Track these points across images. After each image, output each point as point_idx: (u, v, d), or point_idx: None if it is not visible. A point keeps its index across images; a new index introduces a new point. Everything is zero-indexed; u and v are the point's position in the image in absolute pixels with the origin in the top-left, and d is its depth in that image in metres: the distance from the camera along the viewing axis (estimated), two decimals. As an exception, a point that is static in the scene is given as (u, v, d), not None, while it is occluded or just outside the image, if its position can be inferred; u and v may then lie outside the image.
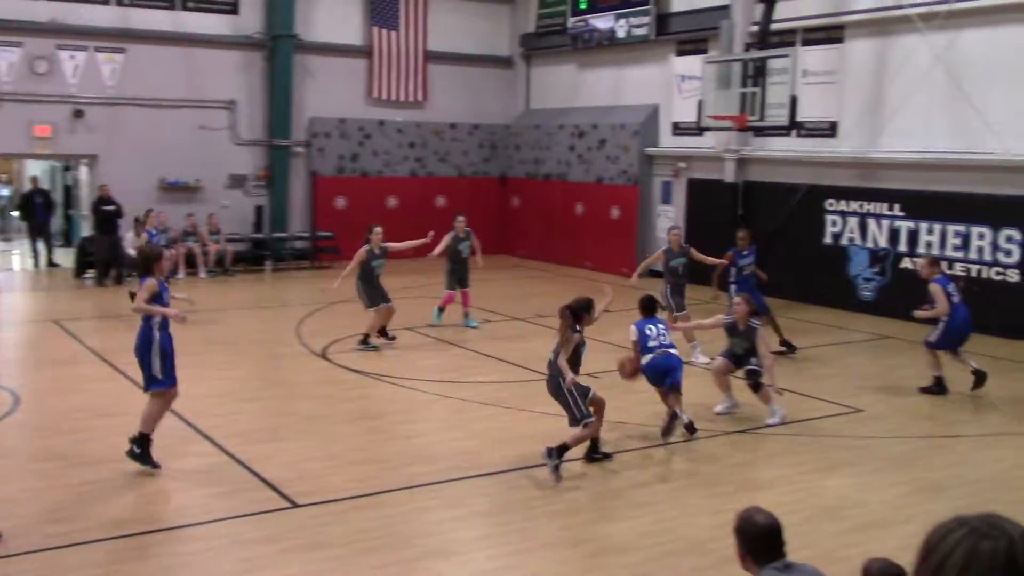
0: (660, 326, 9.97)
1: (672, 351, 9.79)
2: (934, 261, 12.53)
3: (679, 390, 9.69)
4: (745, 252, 14.24)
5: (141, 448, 8.53)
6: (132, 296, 8.96)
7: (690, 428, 9.67)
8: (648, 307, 10.11)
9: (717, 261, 14.19)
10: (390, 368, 12.68)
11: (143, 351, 8.64)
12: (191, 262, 20.78)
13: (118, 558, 6.82)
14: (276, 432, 9.82)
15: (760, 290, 14.17)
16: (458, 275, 15.60)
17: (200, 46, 21.92)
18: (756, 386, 10.41)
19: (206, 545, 7.06)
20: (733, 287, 13.97)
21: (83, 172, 22.90)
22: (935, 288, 12.03)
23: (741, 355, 10.56)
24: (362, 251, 14.18)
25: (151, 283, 8.65)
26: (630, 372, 9.89)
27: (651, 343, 9.74)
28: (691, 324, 12.13)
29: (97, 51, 21.02)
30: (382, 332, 14.15)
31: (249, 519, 7.52)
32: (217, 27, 22.14)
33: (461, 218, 15.99)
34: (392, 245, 14.49)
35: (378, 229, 14.37)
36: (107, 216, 19.72)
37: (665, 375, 9.66)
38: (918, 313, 12.18)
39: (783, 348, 13.79)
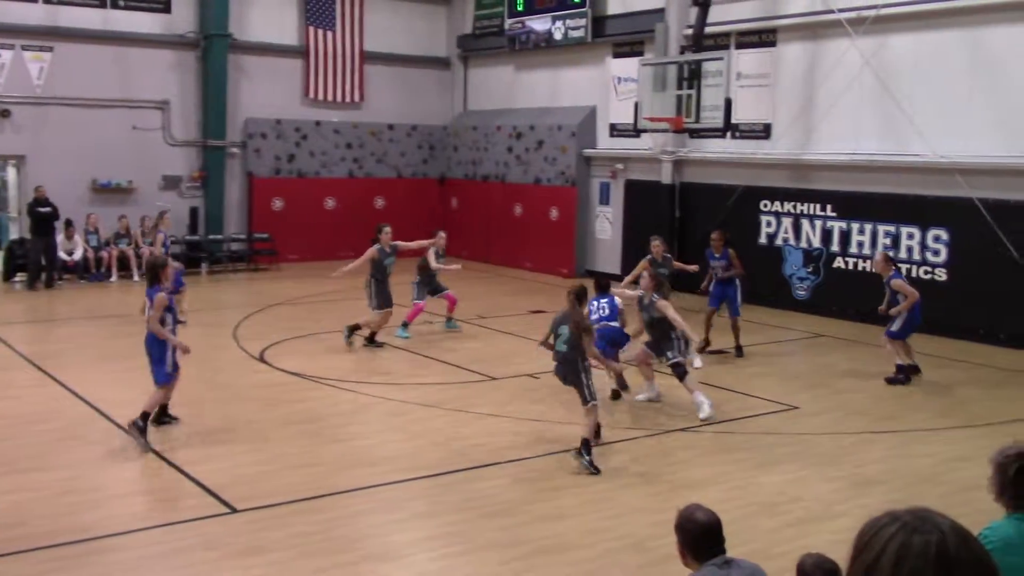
0: (603, 301, 11.33)
1: (611, 323, 11.18)
2: (888, 259, 12.93)
3: (616, 358, 11.32)
4: (718, 255, 14.29)
5: (144, 424, 9.28)
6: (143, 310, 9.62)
7: (616, 394, 11.29)
8: (599, 285, 11.56)
9: (690, 268, 14.38)
10: (330, 371, 12.59)
11: (157, 351, 9.55)
12: (124, 265, 20.41)
13: (50, 569, 6.67)
14: (213, 437, 9.69)
15: (732, 293, 14.17)
16: (429, 285, 15.27)
17: (131, 45, 21.56)
18: (681, 375, 10.84)
19: (141, 553, 6.95)
20: (711, 288, 14.25)
21: (11, 173, 22.36)
22: (899, 283, 12.48)
23: (659, 338, 10.99)
24: (373, 250, 14.20)
25: (161, 299, 9.32)
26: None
27: (592, 317, 10.86)
28: (616, 290, 12.15)
29: (24, 49, 20.56)
30: (371, 337, 14.09)
31: (186, 525, 7.41)
32: (149, 26, 21.79)
33: (443, 234, 15.64)
34: (402, 244, 14.56)
35: (388, 228, 14.50)
36: (43, 218, 19.30)
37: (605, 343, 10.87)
38: (895, 310, 12.48)
39: (733, 350, 14.01)
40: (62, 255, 19.81)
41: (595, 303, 11.21)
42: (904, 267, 16.05)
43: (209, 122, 22.45)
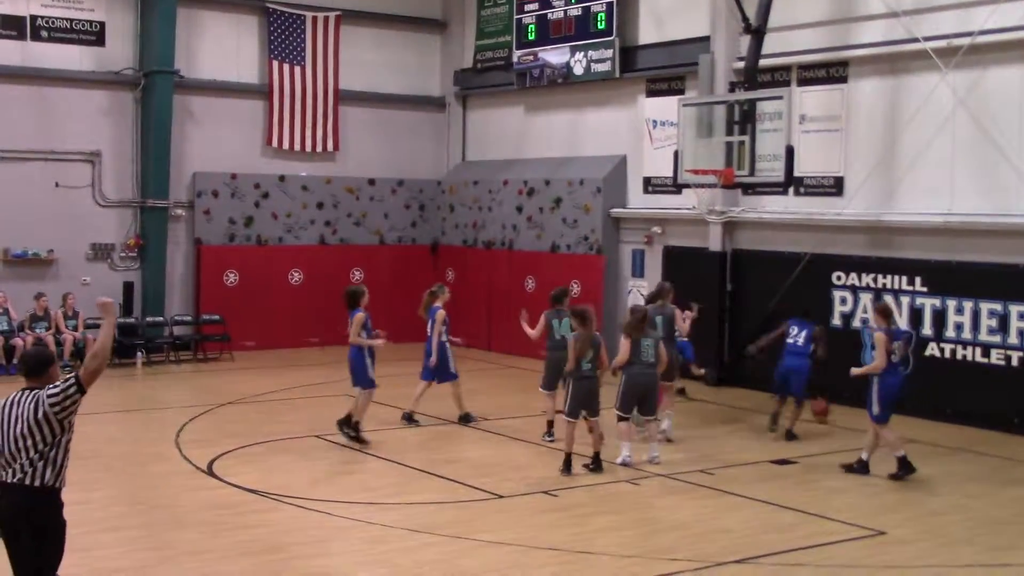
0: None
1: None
2: (885, 311, 13.76)
3: None
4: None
5: (356, 431, 14.09)
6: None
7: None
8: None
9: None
10: (294, 486, 12.49)
11: (358, 363, 14.52)
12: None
13: None
14: (147, 572, 9.59)
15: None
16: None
17: (55, 84, 21.85)
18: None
19: None
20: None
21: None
22: (880, 337, 13.36)
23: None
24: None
25: (360, 317, 14.40)
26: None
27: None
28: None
29: (-77, 90, 20.93)
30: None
31: None
32: (77, 61, 22.11)
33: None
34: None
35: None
36: None
37: None
38: (855, 372, 13.68)
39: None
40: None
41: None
42: (1016, 355, 15.98)
43: (149, 178, 22.63)
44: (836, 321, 18.27)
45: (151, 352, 21.98)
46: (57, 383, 7.29)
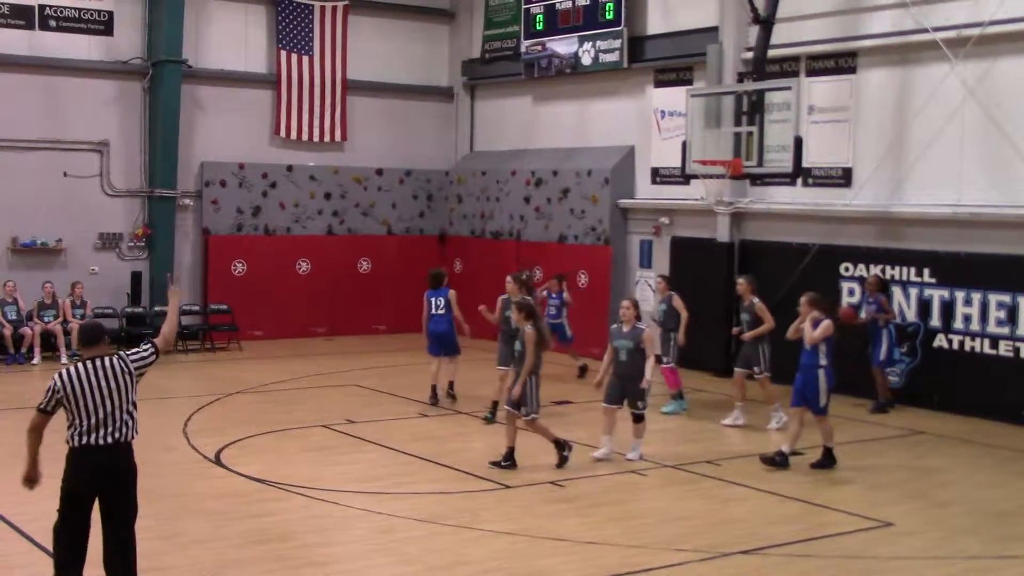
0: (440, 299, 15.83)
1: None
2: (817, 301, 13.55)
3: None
4: (872, 300, 16.99)
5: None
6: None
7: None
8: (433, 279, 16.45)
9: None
10: (303, 476, 12.51)
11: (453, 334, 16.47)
12: (49, 343, 20.46)
13: None
14: (155, 560, 9.58)
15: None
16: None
17: (64, 74, 21.87)
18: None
19: None
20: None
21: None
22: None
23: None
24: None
25: (454, 293, 16.54)
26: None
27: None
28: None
29: (-68, 79, 20.96)
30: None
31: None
32: (86, 51, 22.12)
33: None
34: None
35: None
36: None
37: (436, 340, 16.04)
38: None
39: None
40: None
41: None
42: None
43: (157, 167, 22.66)
44: (844, 312, 18.24)
45: (159, 341, 21.97)
46: (135, 349, 8.14)
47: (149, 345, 8.16)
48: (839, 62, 18.56)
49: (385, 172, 25.27)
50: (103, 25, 22.33)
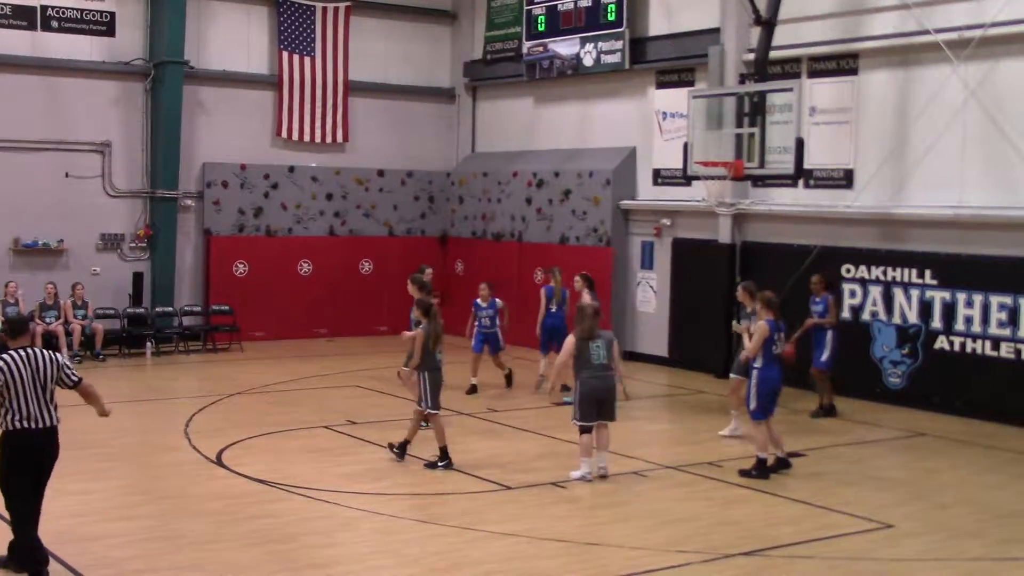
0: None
1: None
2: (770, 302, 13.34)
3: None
4: (818, 299, 16.61)
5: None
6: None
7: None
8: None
9: None
10: (302, 476, 12.51)
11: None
12: (50, 344, 20.46)
13: None
14: (156, 560, 9.60)
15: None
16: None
17: (66, 75, 21.87)
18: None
19: None
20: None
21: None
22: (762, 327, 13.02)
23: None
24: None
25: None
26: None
27: None
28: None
29: (-66, 80, 20.96)
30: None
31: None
32: (88, 51, 22.13)
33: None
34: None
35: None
36: None
37: None
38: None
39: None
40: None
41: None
42: (1024, 348, 15.98)
43: (159, 168, 22.66)
44: (845, 314, 18.23)
45: (160, 342, 22.03)
46: (69, 364, 9.31)
47: (77, 376, 9.31)
48: (841, 63, 18.55)
49: (387, 173, 25.26)
50: (105, 26, 22.33)
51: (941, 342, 17.06)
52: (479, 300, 18.07)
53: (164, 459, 13.47)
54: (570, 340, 12.65)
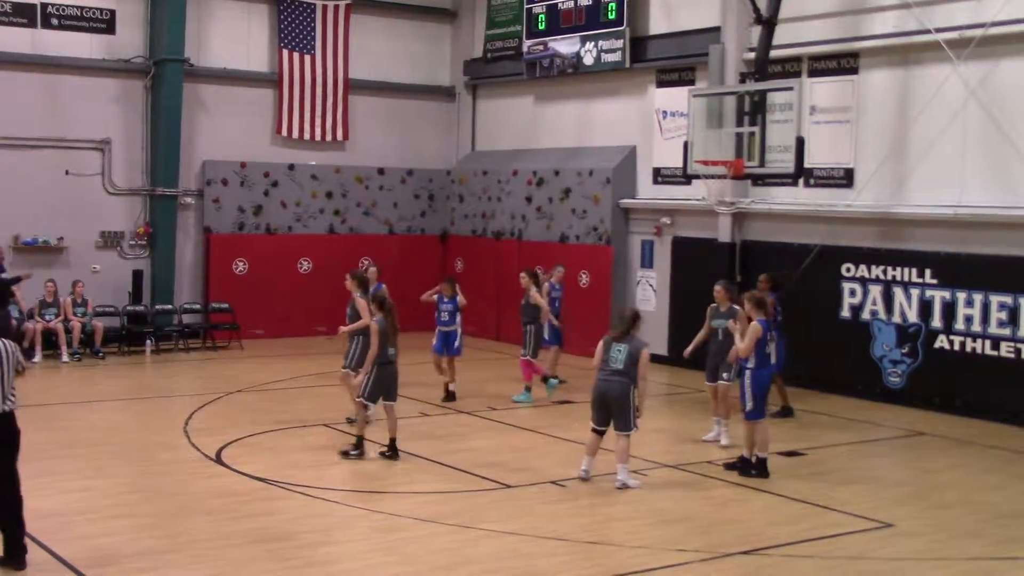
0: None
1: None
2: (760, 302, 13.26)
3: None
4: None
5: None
6: None
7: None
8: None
9: None
10: (302, 475, 12.51)
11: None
12: (50, 342, 20.45)
13: None
14: (156, 559, 9.60)
15: None
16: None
17: (66, 72, 21.86)
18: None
19: None
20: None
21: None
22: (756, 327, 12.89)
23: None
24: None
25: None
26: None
27: None
28: None
29: (-67, 77, 20.95)
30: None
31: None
32: (88, 49, 22.11)
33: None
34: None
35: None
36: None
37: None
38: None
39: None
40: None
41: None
42: (1024, 347, 15.99)
43: (158, 166, 22.66)
44: (845, 313, 18.25)
45: (160, 340, 22.02)
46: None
47: (23, 366, 10.01)
48: (841, 63, 18.54)
49: (387, 171, 25.26)
50: (105, 23, 22.32)
51: (941, 341, 17.06)
52: (443, 295, 17.06)
53: (164, 457, 13.46)
54: (601, 342, 12.44)
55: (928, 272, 17.25)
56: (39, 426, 15.21)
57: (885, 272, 17.80)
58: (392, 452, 13.29)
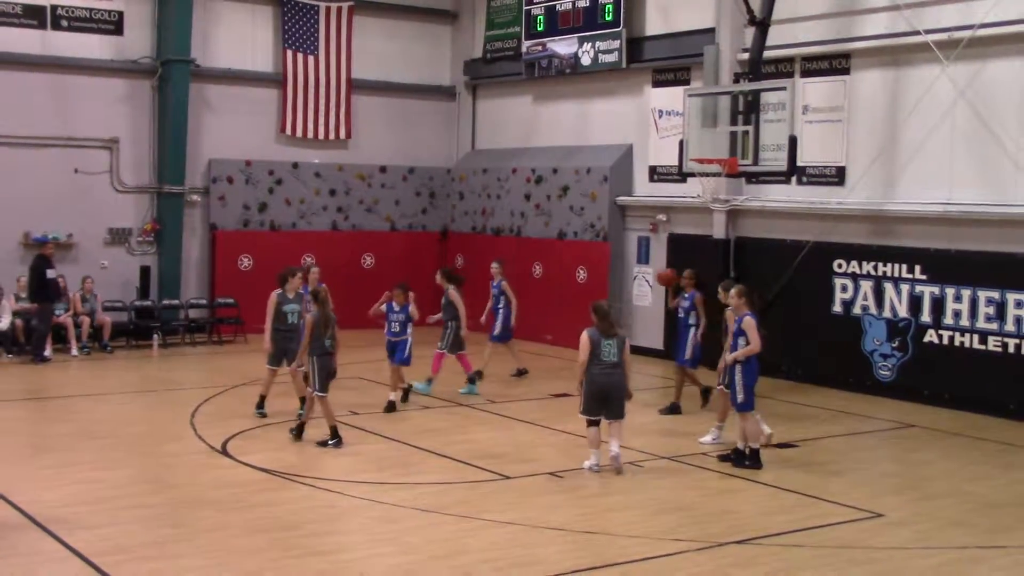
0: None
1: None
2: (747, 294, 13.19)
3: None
4: (687, 295, 16.25)
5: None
6: None
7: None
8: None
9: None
10: (305, 466, 12.53)
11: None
12: (60, 336, 20.47)
13: None
14: (163, 548, 9.62)
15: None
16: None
17: (75, 72, 21.86)
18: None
19: None
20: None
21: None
22: (750, 322, 12.85)
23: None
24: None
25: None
26: None
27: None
28: None
29: (-54, 77, 20.95)
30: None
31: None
32: (96, 50, 22.11)
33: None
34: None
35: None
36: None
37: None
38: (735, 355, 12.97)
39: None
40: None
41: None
42: (1012, 342, 15.99)
43: (165, 164, 22.67)
44: (837, 308, 18.28)
45: (167, 334, 22.03)
46: None
47: None
48: (833, 63, 18.56)
49: (388, 169, 25.28)
50: (113, 25, 22.32)
51: (930, 336, 17.09)
52: (393, 303, 16.04)
53: (171, 448, 13.48)
54: (584, 337, 12.35)
55: (918, 268, 17.28)
56: (51, 418, 15.31)
57: (876, 268, 17.83)
58: (336, 439, 13.50)
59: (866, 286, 17.95)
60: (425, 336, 17.86)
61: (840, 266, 18.32)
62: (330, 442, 13.38)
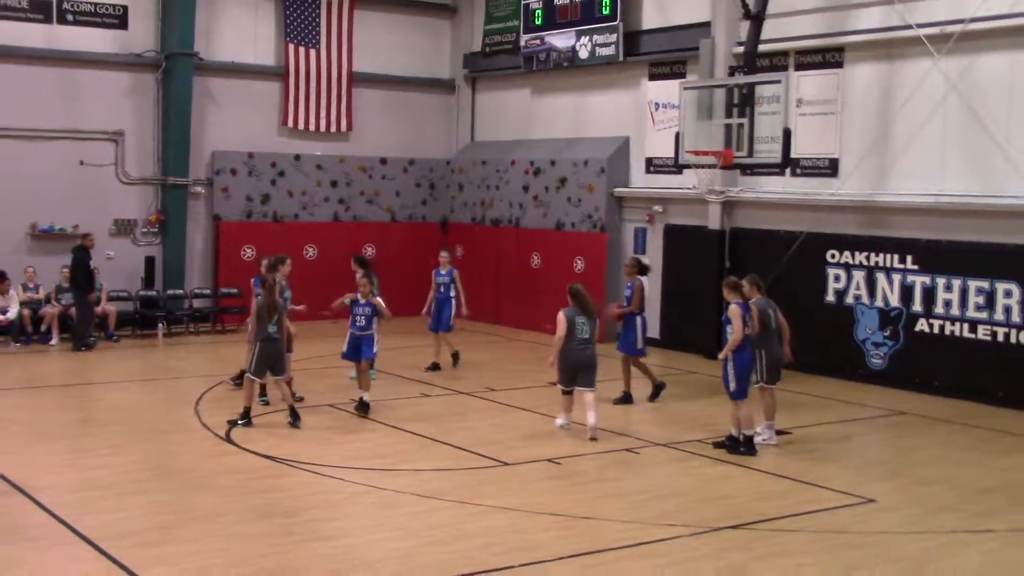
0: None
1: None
2: (735, 285, 13.16)
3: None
4: (628, 284, 16.30)
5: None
6: None
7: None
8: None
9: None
10: (308, 453, 12.56)
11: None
12: (67, 325, 20.49)
13: None
14: (168, 533, 9.65)
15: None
16: None
17: (80, 66, 21.84)
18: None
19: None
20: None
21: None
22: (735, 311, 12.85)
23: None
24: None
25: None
26: None
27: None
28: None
29: (-47, 71, 20.92)
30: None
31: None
32: (101, 44, 22.09)
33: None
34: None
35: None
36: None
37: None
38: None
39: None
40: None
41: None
42: (1001, 331, 16.01)
43: (169, 156, 22.66)
44: (830, 297, 18.30)
45: (171, 324, 22.06)
46: None
47: None
48: (827, 57, 18.55)
49: (389, 161, 25.27)
50: (118, 19, 22.29)
51: (921, 325, 17.11)
52: (358, 295, 15.17)
53: (176, 436, 13.50)
54: (561, 317, 13.47)
55: (909, 258, 17.29)
56: (60, 405, 15.32)
57: (868, 258, 17.84)
58: (294, 419, 13.77)
59: (858, 276, 17.96)
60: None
61: (833, 256, 18.34)
62: (240, 421, 13.72)
